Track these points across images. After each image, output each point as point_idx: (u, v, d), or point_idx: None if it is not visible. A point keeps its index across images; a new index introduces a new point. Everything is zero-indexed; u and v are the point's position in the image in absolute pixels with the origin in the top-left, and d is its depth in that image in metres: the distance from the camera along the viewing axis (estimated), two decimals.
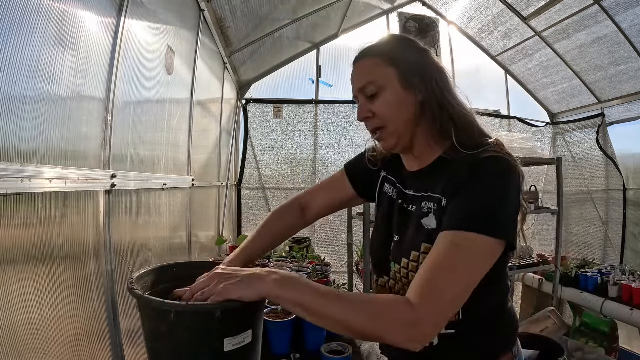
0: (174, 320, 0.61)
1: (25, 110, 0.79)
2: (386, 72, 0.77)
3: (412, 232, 0.78)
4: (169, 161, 1.81)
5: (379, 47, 0.81)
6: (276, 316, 1.28)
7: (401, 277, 0.78)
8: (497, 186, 0.68)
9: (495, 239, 0.64)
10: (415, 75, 0.76)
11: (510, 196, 0.68)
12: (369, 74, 0.78)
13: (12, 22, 0.74)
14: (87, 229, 1.07)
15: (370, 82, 0.77)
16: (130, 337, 1.28)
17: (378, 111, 0.78)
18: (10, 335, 0.74)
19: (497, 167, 0.69)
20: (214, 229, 3.05)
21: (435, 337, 0.75)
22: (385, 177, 0.93)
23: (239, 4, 2.51)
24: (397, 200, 0.87)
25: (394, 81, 0.77)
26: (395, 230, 0.84)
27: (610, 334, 2.83)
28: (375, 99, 0.78)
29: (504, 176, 0.69)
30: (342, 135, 4.02)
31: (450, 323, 0.74)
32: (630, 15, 3.10)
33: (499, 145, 0.73)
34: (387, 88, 0.77)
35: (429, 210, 0.76)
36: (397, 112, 0.77)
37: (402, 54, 0.79)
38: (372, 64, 0.79)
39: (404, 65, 0.77)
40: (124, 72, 1.25)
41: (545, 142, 4.65)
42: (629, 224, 3.85)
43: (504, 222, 0.66)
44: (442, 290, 0.62)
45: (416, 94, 0.77)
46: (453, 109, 0.77)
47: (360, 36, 4.03)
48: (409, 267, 0.76)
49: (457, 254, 0.64)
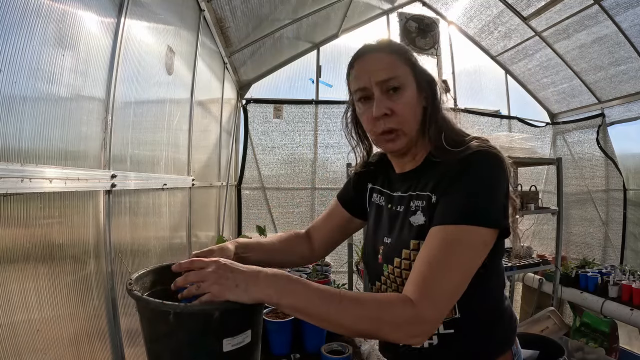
0: (173, 321, 0.61)
1: (25, 110, 0.79)
2: (406, 71, 0.76)
3: (402, 231, 0.78)
4: (169, 161, 1.81)
5: (392, 45, 0.79)
6: (276, 316, 1.28)
7: (395, 277, 0.78)
8: (484, 176, 0.69)
9: (486, 227, 0.65)
10: (423, 80, 0.78)
11: (498, 184, 0.69)
12: (392, 69, 0.75)
13: (12, 23, 0.74)
14: (87, 229, 1.07)
15: (394, 77, 0.75)
16: (130, 337, 1.28)
17: (399, 110, 0.75)
18: (10, 335, 0.74)
19: (482, 159, 0.70)
20: (214, 229, 3.05)
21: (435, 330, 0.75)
22: (372, 188, 0.95)
23: (239, 4, 2.51)
24: (386, 205, 0.87)
25: (412, 81, 0.77)
26: (386, 233, 0.84)
27: (610, 334, 2.83)
28: (396, 96, 0.75)
29: (490, 166, 0.69)
30: (342, 135, 3.95)
31: (449, 322, 0.74)
32: (630, 15, 3.10)
33: (480, 139, 0.74)
34: (408, 87, 0.76)
35: (416, 208, 0.77)
36: (413, 114, 0.77)
37: (412, 57, 0.79)
38: (392, 59, 0.76)
39: (416, 67, 0.78)
40: (124, 72, 1.25)
41: (545, 142, 4.65)
42: (629, 224, 3.85)
43: (494, 210, 0.67)
44: (439, 285, 0.63)
45: (424, 98, 0.79)
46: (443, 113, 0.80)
47: (360, 36, 4.04)
48: (402, 266, 0.76)
49: (450, 248, 0.64)
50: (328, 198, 4.10)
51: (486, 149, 0.71)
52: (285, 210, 4.05)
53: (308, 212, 4.08)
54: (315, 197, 4.08)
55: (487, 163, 0.70)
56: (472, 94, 4.45)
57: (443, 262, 0.64)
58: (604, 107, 4.08)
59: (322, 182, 4.08)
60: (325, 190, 4.08)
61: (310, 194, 4.08)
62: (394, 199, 0.85)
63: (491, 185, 0.68)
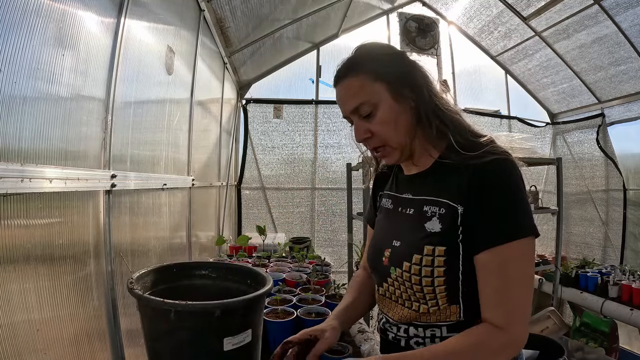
0: (174, 320, 0.61)
1: (25, 110, 0.80)
2: (375, 88, 0.75)
3: (413, 235, 0.77)
4: (168, 161, 1.81)
5: (361, 63, 0.78)
6: (276, 316, 1.28)
7: (403, 280, 0.77)
8: (513, 188, 0.70)
9: (531, 236, 0.69)
10: (404, 86, 0.76)
11: (524, 191, 0.71)
12: (359, 94, 0.76)
13: (12, 22, 0.74)
14: (87, 229, 1.07)
15: (363, 103, 0.75)
16: (130, 337, 1.28)
17: (376, 130, 0.77)
18: (10, 335, 0.74)
19: (506, 170, 0.70)
20: (214, 229, 3.05)
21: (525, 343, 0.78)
22: (381, 195, 0.96)
23: (239, 4, 2.51)
24: (394, 207, 0.87)
25: (386, 96, 0.75)
26: (394, 236, 0.83)
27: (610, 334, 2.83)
28: (371, 118, 0.76)
29: (516, 176, 0.71)
30: (342, 135, 4.02)
31: (453, 326, 0.75)
32: (630, 15, 3.10)
33: (495, 144, 0.74)
34: (381, 105, 0.75)
35: (432, 214, 0.75)
36: (395, 127, 0.76)
37: (386, 67, 0.77)
38: (358, 82, 0.76)
39: (391, 77, 0.76)
40: (124, 72, 1.25)
41: (545, 142, 4.65)
42: (629, 224, 3.85)
43: (528, 218, 0.70)
44: (516, 304, 0.68)
45: (409, 104, 0.76)
46: (444, 113, 0.77)
47: (360, 36, 4.04)
48: (412, 271, 0.75)
49: (510, 267, 0.68)
50: (328, 198, 4.10)
51: (505, 156, 0.72)
52: (285, 210, 4.05)
53: (308, 212, 4.08)
54: (315, 197, 4.08)
55: (512, 172, 0.70)
56: (472, 94, 4.45)
57: (509, 282, 0.68)
58: (604, 107, 4.08)
59: (322, 182, 4.08)
60: (325, 190, 4.08)
61: (310, 194, 4.08)
62: (403, 201, 0.84)
63: (521, 195, 0.70)
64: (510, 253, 0.68)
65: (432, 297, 0.73)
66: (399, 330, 0.80)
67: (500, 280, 0.68)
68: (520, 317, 0.67)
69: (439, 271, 0.71)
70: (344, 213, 3.64)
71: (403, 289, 0.78)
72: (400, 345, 0.80)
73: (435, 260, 0.72)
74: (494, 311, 0.68)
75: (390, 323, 0.82)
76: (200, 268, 0.99)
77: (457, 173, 0.73)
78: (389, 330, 0.82)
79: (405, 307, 0.78)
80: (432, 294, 0.73)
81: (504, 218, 0.69)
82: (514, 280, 0.68)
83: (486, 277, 0.69)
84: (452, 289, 0.72)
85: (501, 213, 0.69)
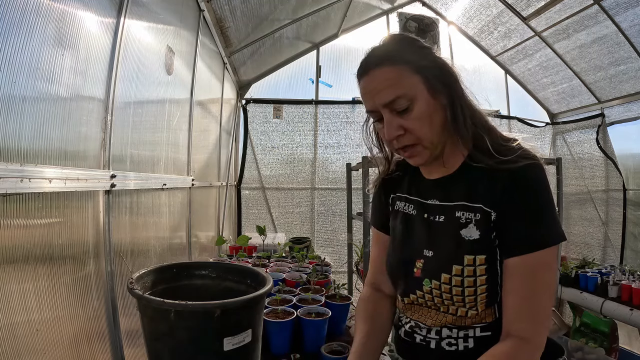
0: (174, 320, 0.61)
1: (24, 109, 0.79)
2: (413, 81, 0.70)
3: (450, 245, 0.73)
4: (168, 161, 1.81)
5: (399, 52, 0.72)
6: (276, 316, 1.28)
7: (441, 292, 0.73)
8: (546, 194, 0.70)
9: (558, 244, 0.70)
10: (438, 81, 0.71)
11: (552, 198, 0.71)
12: (397, 86, 0.69)
13: (11, 22, 0.74)
14: (86, 229, 1.07)
15: (400, 96, 0.69)
16: (130, 337, 1.28)
17: (411, 126, 0.71)
18: (10, 335, 0.74)
19: (540, 175, 0.70)
20: (213, 229, 3.05)
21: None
22: (395, 197, 0.89)
23: (239, 4, 2.51)
24: (419, 214, 0.81)
25: (423, 90, 0.70)
26: (425, 245, 0.78)
27: (610, 334, 2.83)
28: (407, 113, 0.70)
29: (547, 182, 0.70)
30: (342, 135, 4.03)
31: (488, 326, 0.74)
32: (630, 15, 3.10)
33: (526, 149, 0.72)
34: (418, 99, 0.70)
35: (467, 221, 0.72)
36: (430, 125, 0.71)
37: (424, 59, 0.72)
38: (396, 73, 0.70)
39: (428, 70, 0.71)
40: (124, 72, 1.25)
41: (545, 142, 4.65)
42: (629, 224, 3.85)
43: (558, 226, 0.69)
44: (542, 312, 0.69)
45: (442, 101, 0.72)
46: (473, 112, 0.74)
47: (360, 36, 4.03)
48: (452, 283, 0.71)
49: (541, 274, 0.68)
50: (328, 198, 4.10)
51: (537, 161, 0.70)
52: (285, 210, 4.05)
53: (308, 212, 4.08)
54: (315, 197, 4.08)
55: (544, 178, 0.70)
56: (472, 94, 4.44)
57: (536, 290, 0.68)
58: (604, 107, 4.09)
59: (321, 182, 4.08)
60: (325, 190, 4.09)
61: (310, 194, 4.08)
62: (430, 208, 0.79)
63: (552, 201, 0.70)
64: (540, 260, 0.67)
65: (472, 303, 0.72)
66: (430, 332, 0.77)
67: (528, 287, 0.68)
68: (545, 327, 0.68)
69: (481, 280, 0.70)
70: (344, 213, 3.65)
71: (438, 300, 0.75)
72: (430, 347, 0.77)
73: (477, 269, 0.70)
74: (521, 323, 0.68)
75: (420, 327, 0.79)
76: (200, 268, 0.99)
77: (489, 177, 0.71)
78: (417, 333, 0.79)
79: (441, 312, 0.75)
80: (474, 302, 0.72)
81: (538, 224, 0.68)
82: (540, 288, 0.68)
83: (513, 282, 0.69)
84: (493, 294, 0.71)
85: (535, 219, 0.68)
